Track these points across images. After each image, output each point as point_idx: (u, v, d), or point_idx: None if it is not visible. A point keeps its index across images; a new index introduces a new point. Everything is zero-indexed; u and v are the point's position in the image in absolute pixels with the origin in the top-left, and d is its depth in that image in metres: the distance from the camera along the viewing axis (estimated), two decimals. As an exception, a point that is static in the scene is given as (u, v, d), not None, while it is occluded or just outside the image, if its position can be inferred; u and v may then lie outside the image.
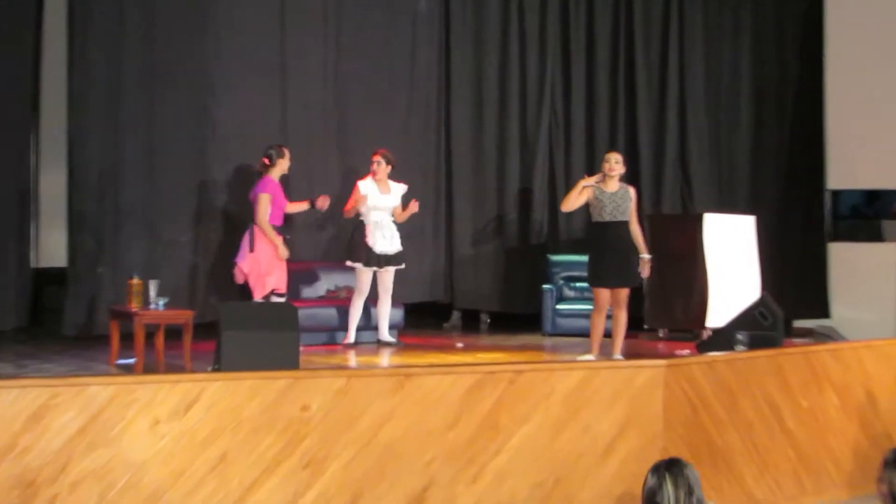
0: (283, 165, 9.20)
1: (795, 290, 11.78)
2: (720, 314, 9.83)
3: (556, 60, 12.16)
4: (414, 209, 9.80)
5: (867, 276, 11.84)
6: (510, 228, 12.00)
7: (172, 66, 10.08)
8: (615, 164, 8.75)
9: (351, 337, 9.61)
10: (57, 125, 10.16)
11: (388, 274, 9.63)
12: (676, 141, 12.24)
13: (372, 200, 9.56)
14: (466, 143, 11.88)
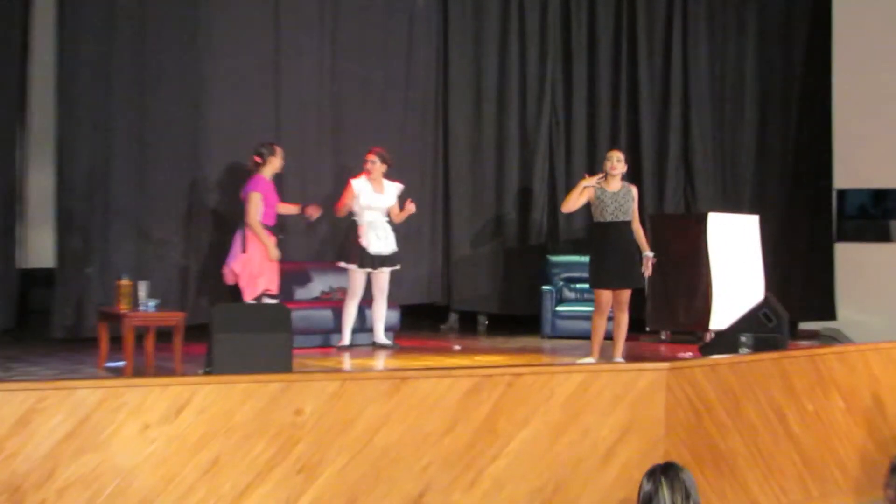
0: (275, 164, 9.17)
1: (801, 291, 11.81)
2: (724, 316, 9.85)
3: (556, 57, 12.18)
4: (411, 210, 9.80)
5: (874, 276, 11.88)
6: (509, 228, 12.01)
7: (163, 63, 10.08)
8: (617, 162, 8.74)
9: (345, 339, 9.62)
10: (44, 122, 10.15)
11: (383, 275, 9.64)
12: (679, 139, 12.26)
13: (366, 200, 9.57)
14: (464, 141, 11.89)
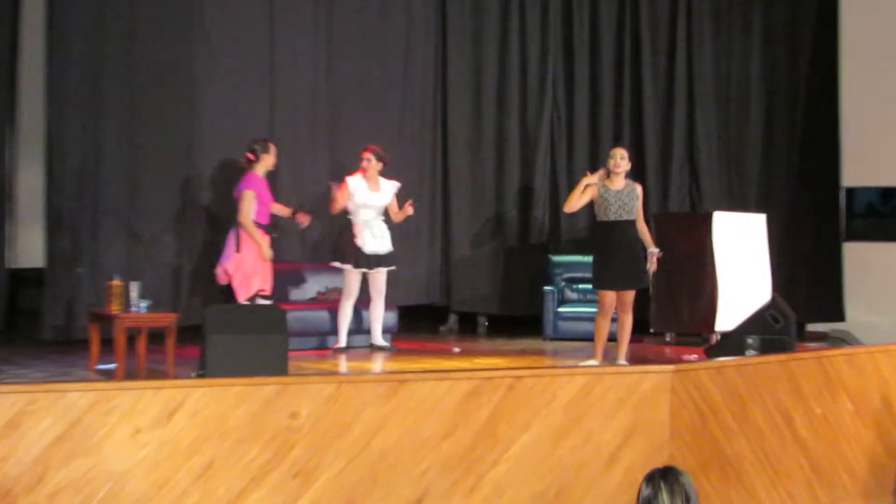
0: (268, 161, 9.14)
1: (808, 291, 11.80)
2: (730, 317, 9.85)
3: (557, 53, 12.18)
4: (409, 212, 9.77)
5: (883, 276, 11.86)
6: (509, 227, 12.00)
7: (156, 59, 10.08)
8: (620, 159, 8.72)
9: (342, 341, 9.61)
10: (34, 121, 10.14)
11: (380, 275, 9.63)
12: (684, 137, 12.24)
13: (361, 198, 9.56)
14: (464, 138, 11.88)
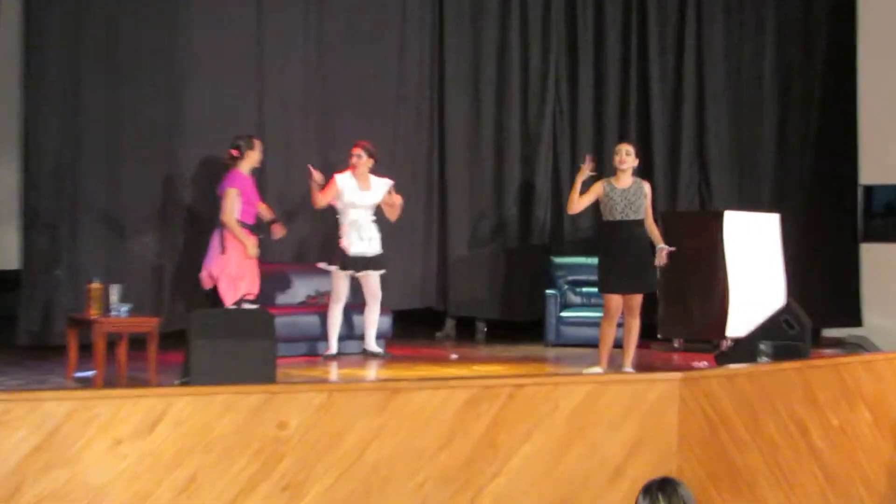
0: (253, 158, 9.11)
1: (824, 295, 11.78)
2: (741, 322, 9.84)
3: (560, 46, 12.15)
4: (398, 202, 9.70)
5: (904, 280, 11.86)
6: (510, 228, 11.99)
7: (139, 53, 10.08)
8: (626, 156, 8.70)
9: (332, 347, 9.59)
10: (9, 115, 10.14)
11: (372, 279, 9.61)
12: (693, 135, 12.23)
13: (349, 197, 9.53)
14: (461, 135, 11.86)
